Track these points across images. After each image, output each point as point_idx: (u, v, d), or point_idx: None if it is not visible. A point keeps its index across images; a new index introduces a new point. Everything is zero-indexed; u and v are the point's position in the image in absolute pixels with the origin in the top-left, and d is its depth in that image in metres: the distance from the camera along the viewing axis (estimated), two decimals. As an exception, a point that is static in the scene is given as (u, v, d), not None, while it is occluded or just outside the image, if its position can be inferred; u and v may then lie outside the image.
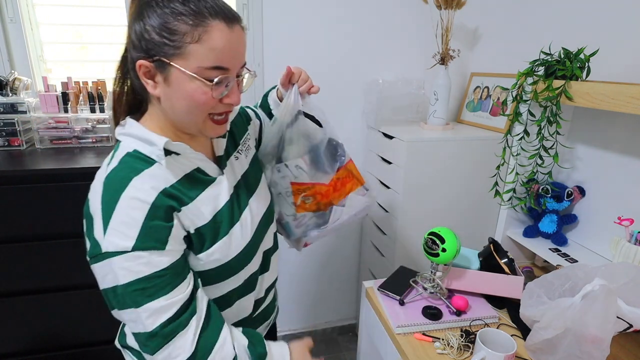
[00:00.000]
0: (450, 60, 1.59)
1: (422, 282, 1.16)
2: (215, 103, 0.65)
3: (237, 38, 0.63)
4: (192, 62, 0.60)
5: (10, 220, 1.21)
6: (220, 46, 0.61)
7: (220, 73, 0.62)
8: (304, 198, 0.89)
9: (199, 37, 0.59)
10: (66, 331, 1.37)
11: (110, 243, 0.60)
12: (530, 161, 1.27)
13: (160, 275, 0.61)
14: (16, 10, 1.47)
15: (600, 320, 0.78)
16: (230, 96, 0.66)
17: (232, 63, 0.64)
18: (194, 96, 0.63)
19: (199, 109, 0.65)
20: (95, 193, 0.63)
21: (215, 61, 0.61)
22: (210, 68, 0.61)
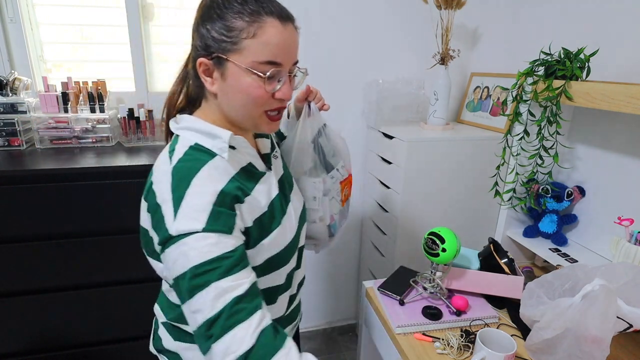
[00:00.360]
0: (450, 60, 1.59)
1: (422, 282, 1.16)
2: (269, 98, 0.69)
3: (289, 35, 0.67)
4: (247, 56, 0.65)
5: (10, 220, 1.21)
6: (273, 42, 0.65)
7: (273, 67, 0.66)
8: (345, 191, 1.03)
9: (254, 33, 0.64)
10: (66, 331, 1.37)
11: (181, 225, 0.61)
12: (530, 161, 1.27)
13: (228, 256, 0.62)
14: (16, 10, 1.47)
15: (600, 320, 0.78)
16: (283, 91, 0.69)
17: (285, 59, 0.67)
18: (248, 90, 0.67)
19: (254, 103, 0.68)
20: (162, 183, 0.65)
21: (269, 56, 0.65)
22: (264, 62, 0.65)
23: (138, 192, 1.38)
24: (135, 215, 1.17)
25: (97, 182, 1.24)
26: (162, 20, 1.62)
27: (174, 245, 0.61)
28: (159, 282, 1.50)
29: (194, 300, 0.60)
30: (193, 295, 0.60)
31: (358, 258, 2.07)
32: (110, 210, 1.27)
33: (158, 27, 1.63)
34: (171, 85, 0.79)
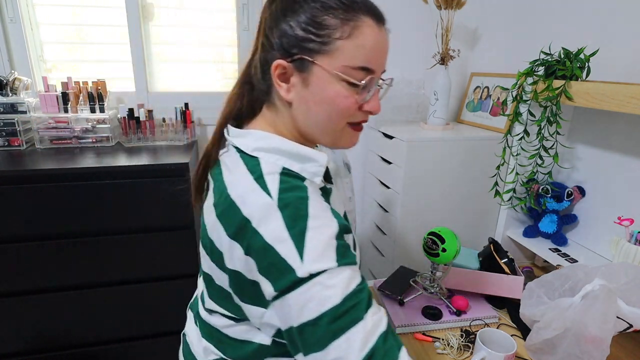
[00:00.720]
0: (450, 60, 1.59)
1: (422, 282, 1.16)
2: (356, 110, 0.60)
3: (384, 39, 0.59)
4: (338, 60, 0.56)
5: (10, 220, 1.21)
6: (369, 45, 0.56)
7: (366, 75, 0.57)
8: None
9: (349, 33, 0.55)
10: (66, 331, 1.37)
11: (311, 265, 0.51)
12: (530, 161, 1.27)
13: (363, 288, 0.54)
14: (16, 10, 1.47)
15: (600, 320, 0.78)
16: (372, 103, 0.60)
17: (378, 65, 0.59)
18: (335, 100, 0.58)
19: (339, 115, 0.59)
20: (269, 220, 0.53)
21: (363, 61, 0.57)
22: (357, 68, 0.57)
23: (138, 192, 1.38)
24: (135, 215, 1.17)
25: (97, 182, 1.24)
26: (162, 20, 1.62)
27: (302, 288, 0.51)
28: (159, 282, 1.50)
29: (332, 347, 0.50)
30: (334, 340, 0.50)
31: (358, 258, 2.07)
32: (110, 210, 1.27)
33: (158, 27, 1.63)
34: (231, 90, 0.68)
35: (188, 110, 1.60)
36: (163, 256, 1.36)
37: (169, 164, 1.28)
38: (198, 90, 1.74)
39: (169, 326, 1.45)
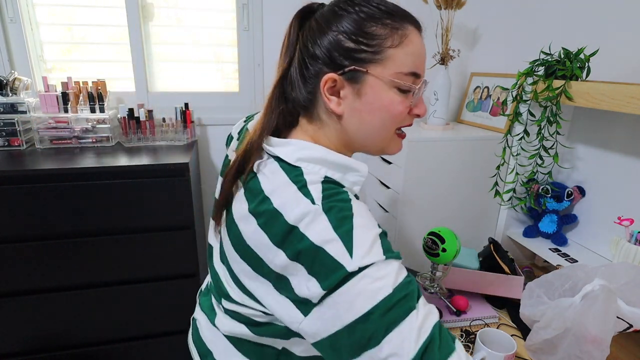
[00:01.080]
0: (450, 60, 1.59)
1: (422, 282, 1.16)
2: (407, 115, 0.63)
3: (424, 46, 0.62)
4: (390, 68, 0.58)
5: (10, 220, 1.21)
6: (417, 51, 0.60)
7: (416, 80, 0.60)
8: None
9: (399, 41, 0.58)
10: (66, 331, 1.37)
11: (360, 260, 0.51)
12: (530, 161, 1.27)
13: (412, 280, 0.54)
14: (16, 10, 1.47)
15: (600, 320, 0.78)
16: (419, 106, 0.63)
17: (424, 70, 0.62)
18: (390, 107, 0.60)
19: (393, 121, 0.62)
20: (315, 224, 0.53)
21: (413, 67, 0.59)
22: (408, 74, 0.59)
23: (138, 192, 1.38)
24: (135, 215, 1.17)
25: (97, 182, 1.24)
26: (162, 20, 1.62)
27: (351, 282, 0.50)
28: (159, 282, 1.50)
29: (387, 341, 0.49)
30: (387, 333, 0.49)
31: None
32: (110, 210, 1.27)
33: (158, 27, 1.63)
34: (264, 108, 0.65)
35: (188, 110, 1.60)
36: (163, 256, 1.36)
37: (169, 164, 1.28)
38: (198, 90, 1.74)
39: (169, 326, 1.45)
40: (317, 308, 0.52)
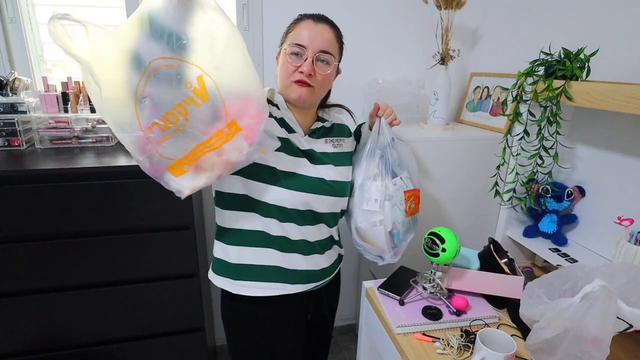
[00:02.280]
0: (450, 60, 1.59)
1: (422, 282, 1.16)
2: (294, 70, 0.95)
3: (318, 29, 0.95)
4: (287, 43, 0.97)
5: (10, 220, 1.21)
6: (301, 31, 0.95)
7: (297, 47, 0.94)
8: (410, 202, 1.12)
9: (293, 28, 0.98)
10: (66, 331, 1.37)
11: None
12: (530, 161, 1.27)
13: None
14: (16, 10, 1.47)
15: (600, 320, 0.78)
16: (303, 66, 0.94)
17: (309, 43, 0.93)
18: (283, 64, 0.97)
19: (284, 73, 0.97)
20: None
21: (297, 40, 0.94)
22: (294, 44, 0.94)
23: (138, 192, 1.38)
24: (135, 215, 1.17)
25: (97, 182, 1.24)
26: (162, 20, 1.62)
27: None
28: (159, 282, 1.50)
29: None
30: None
31: (358, 258, 2.07)
32: (110, 210, 1.27)
33: (158, 27, 1.63)
34: None
35: None
36: (163, 256, 1.36)
37: (169, 164, 1.28)
38: (198, 90, 1.73)
39: (168, 326, 1.45)
40: None
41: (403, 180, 1.10)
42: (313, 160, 1.02)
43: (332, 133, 1.11)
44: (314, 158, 1.03)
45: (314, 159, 1.03)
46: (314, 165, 1.01)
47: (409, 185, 1.12)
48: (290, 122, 1.01)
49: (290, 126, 1.01)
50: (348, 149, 1.14)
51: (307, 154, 1.02)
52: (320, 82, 0.97)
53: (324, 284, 1.11)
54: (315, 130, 1.05)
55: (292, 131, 1.01)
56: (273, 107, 1.00)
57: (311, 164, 1.01)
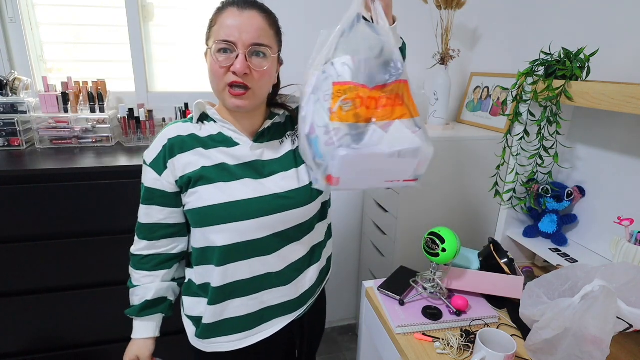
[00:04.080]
0: (450, 60, 1.59)
1: (422, 282, 1.16)
2: (226, 71, 0.78)
3: (246, 18, 0.77)
4: (212, 40, 0.78)
5: (10, 220, 1.21)
6: (227, 24, 0.76)
7: (225, 44, 0.76)
8: (343, 103, 0.74)
9: (216, 20, 0.78)
10: (66, 331, 1.37)
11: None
12: (530, 161, 1.27)
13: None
14: (16, 10, 1.47)
15: (600, 321, 0.78)
16: (235, 65, 0.76)
17: (238, 37, 0.76)
18: (211, 66, 0.79)
19: (215, 77, 0.79)
20: None
21: (223, 35, 0.76)
22: (219, 41, 0.76)
23: (138, 192, 1.38)
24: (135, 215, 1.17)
25: (97, 182, 1.24)
26: (162, 20, 1.62)
27: None
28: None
29: None
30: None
31: (358, 258, 2.07)
32: (110, 210, 1.27)
33: (158, 27, 1.63)
34: None
35: (188, 110, 1.59)
36: (163, 256, 1.36)
37: (169, 164, 1.28)
38: (198, 90, 1.74)
39: (168, 326, 1.45)
40: None
41: (335, 67, 0.76)
42: (259, 174, 0.85)
43: (289, 125, 0.93)
44: (261, 171, 0.85)
45: (261, 171, 0.85)
46: (260, 180, 0.84)
47: (343, 74, 0.75)
48: (231, 134, 0.85)
49: (232, 139, 0.85)
50: None
51: (252, 167, 0.85)
52: (258, 81, 0.80)
53: (307, 308, 0.97)
54: (263, 132, 0.88)
55: (233, 144, 0.85)
56: (208, 123, 0.87)
57: (257, 179, 0.84)
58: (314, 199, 0.89)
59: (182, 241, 0.92)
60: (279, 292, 0.88)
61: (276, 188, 0.85)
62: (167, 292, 0.94)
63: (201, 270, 0.87)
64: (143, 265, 0.90)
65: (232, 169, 0.83)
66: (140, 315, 0.91)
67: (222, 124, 0.86)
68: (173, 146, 0.83)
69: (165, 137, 0.84)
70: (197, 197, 0.81)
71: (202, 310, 0.89)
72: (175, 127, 0.86)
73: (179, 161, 0.83)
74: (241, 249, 0.82)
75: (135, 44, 1.59)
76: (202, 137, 0.85)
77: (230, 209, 0.80)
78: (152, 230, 0.88)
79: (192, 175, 0.82)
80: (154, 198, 0.86)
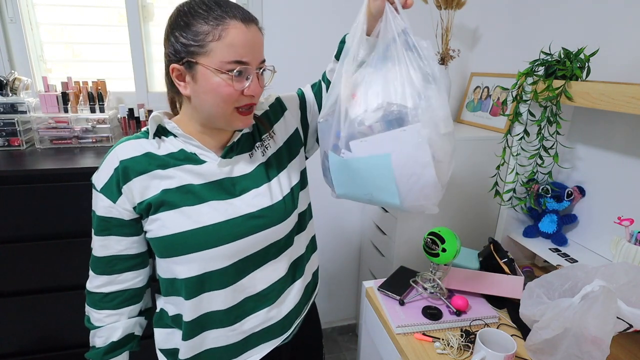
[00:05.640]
0: (450, 60, 1.59)
1: (422, 282, 1.16)
2: (239, 95, 0.71)
3: (253, 36, 0.70)
4: (214, 58, 0.67)
5: (10, 220, 1.21)
6: (238, 42, 0.68)
7: (240, 66, 0.68)
8: None
9: (219, 35, 0.67)
10: (66, 331, 1.37)
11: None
12: (530, 161, 1.27)
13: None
14: (16, 10, 1.47)
15: (600, 321, 0.78)
16: (251, 87, 0.71)
17: (251, 57, 0.70)
18: (218, 89, 0.69)
19: (224, 101, 0.70)
20: None
21: (235, 56, 0.68)
22: (231, 62, 0.68)
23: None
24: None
25: (97, 182, 1.24)
26: (162, 20, 1.62)
27: None
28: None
29: None
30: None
31: (358, 258, 2.07)
32: (110, 210, 1.27)
33: (158, 27, 1.63)
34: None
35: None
36: (163, 256, 1.36)
37: (169, 164, 1.28)
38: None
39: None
40: None
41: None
42: (230, 193, 0.77)
43: (258, 134, 0.86)
44: (231, 190, 0.78)
45: (231, 190, 0.78)
46: (230, 201, 0.76)
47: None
48: (195, 149, 0.77)
49: (196, 156, 0.77)
50: (288, 132, 0.89)
51: (221, 186, 0.77)
52: (259, 97, 0.76)
53: (295, 329, 0.88)
54: (232, 146, 0.80)
55: (198, 162, 0.76)
56: (167, 139, 0.77)
57: (226, 200, 0.76)
58: (289, 214, 0.82)
59: (146, 271, 0.82)
60: (261, 316, 0.80)
61: (248, 207, 0.77)
62: (135, 328, 0.84)
63: (172, 300, 0.79)
64: (105, 304, 0.80)
65: (197, 190, 0.74)
66: (105, 358, 0.81)
67: (185, 140, 0.76)
68: (127, 169, 0.72)
69: (116, 158, 0.73)
70: (159, 225, 0.73)
71: (177, 342, 0.80)
72: (127, 146, 0.74)
73: (136, 185, 0.72)
74: (213, 278, 0.74)
75: (135, 44, 1.59)
76: (160, 156, 0.74)
77: (199, 236, 0.72)
78: (111, 264, 0.77)
79: (152, 200, 0.72)
80: (110, 228, 0.75)
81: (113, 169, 0.73)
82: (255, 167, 0.82)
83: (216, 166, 0.77)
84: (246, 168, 0.81)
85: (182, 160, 0.75)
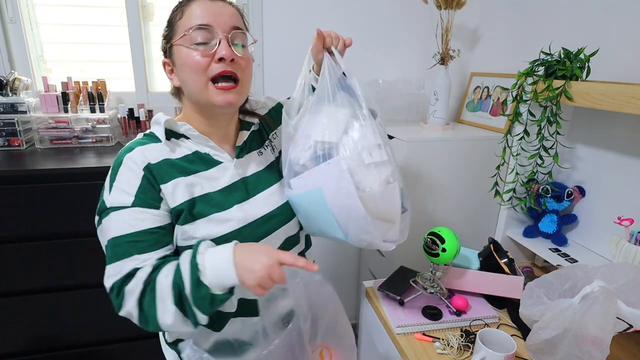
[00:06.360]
0: (450, 60, 1.59)
1: (422, 282, 1.16)
2: (209, 62, 0.70)
3: (219, 7, 0.72)
4: (180, 32, 0.71)
5: (10, 220, 1.21)
6: (199, 12, 0.70)
7: (203, 31, 0.69)
8: None
9: (182, 13, 0.71)
10: (66, 331, 1.37)
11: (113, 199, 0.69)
12: (530, 161, 1.27)
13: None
14: (16, 10, 1.47)
15: (600, 321, 0.78)
16: (220, 51, 0.69)
17: (215, 21, 0.70)
18: (187, 61, 0.70)
19: (196, 72, 0.70)
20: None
21: (196, 21, 0.69)
22: (195, 29, 0.69)
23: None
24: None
25: (97, 182, 1.24)
26: (162, 20, 1.62)
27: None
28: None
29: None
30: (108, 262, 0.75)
31: (358, 258, 2.07)
32: (110, 210, 1.27)
33: (158, 27, 1.63)
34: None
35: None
36: (163, 256, 1.36)
37: (169, 164, 1.28)
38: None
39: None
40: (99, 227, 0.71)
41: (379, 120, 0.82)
42: (246, 193, 0.77)
43: (265, 132, 0.87)
44: (247, 190, 0.78)
45: (247, 191, 0.78)
46: (247, 203, 0.76)
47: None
48: (209, 150, 0.76)
49: (210, 157, 0.76)
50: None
51: (238, 188, 0.76)
52: (244, 71, 0.73)
53: None
54: (245, 143, 0.81)
55: (214, 164, 0.76)
56: (176, 141, 0.75)
57: (244, 202, 0.76)
58: None
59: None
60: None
61: (264, 208, 0.78)
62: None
63: None
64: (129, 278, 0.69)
65: (216, 199, 0.73)
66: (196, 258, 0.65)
67: (198, 141, 0.75)
68: (151, 171, 0.70)
69: (132, 162, 0.69)
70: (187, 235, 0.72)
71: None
72: (139, 153, 0.71)
73: (168, 189, 0.70)
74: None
75: (135, 44, 1.59)
76: (176, 161, 0.72)
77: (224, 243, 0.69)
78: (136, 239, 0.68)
79: (181, 207, 0.71)
80: (160, 239, 0.70)
81: (140, 176, 0.69)
82: (266, 166, 0.84)
83: (233, 168, 0.78)
84: (257, 167, 0.83)
85: (196, 164, 0.75)
